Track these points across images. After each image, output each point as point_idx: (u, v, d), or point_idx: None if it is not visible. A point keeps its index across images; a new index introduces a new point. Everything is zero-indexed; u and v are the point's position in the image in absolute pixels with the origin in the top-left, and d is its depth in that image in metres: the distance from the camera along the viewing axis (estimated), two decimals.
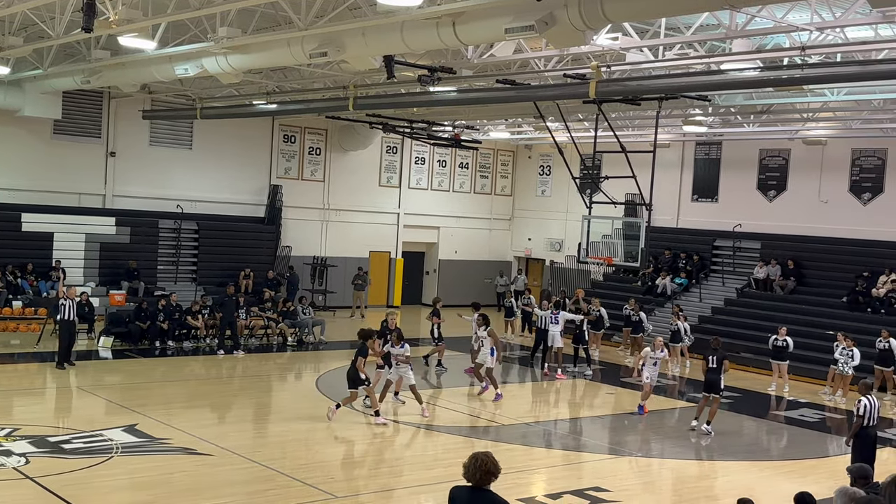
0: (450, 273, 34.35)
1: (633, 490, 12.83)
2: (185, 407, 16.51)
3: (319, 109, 23.90)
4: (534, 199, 35.53)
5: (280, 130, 30.46)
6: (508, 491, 10.47)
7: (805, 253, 26.63)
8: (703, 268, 28.49)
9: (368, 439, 15.34)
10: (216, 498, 11.13)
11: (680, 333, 23.18)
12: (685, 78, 16.22)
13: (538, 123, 25.74)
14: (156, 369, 20.41)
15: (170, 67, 18.57)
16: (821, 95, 19.86)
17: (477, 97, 19.71)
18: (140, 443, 13.44)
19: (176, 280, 27.39)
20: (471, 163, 35.07)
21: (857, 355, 19.45)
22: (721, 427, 16.52)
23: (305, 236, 30.84)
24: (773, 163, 28.20)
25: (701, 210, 29.81)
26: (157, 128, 28.10)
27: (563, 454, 14.90)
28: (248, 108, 24.40)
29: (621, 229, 22.08)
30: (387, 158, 33.04)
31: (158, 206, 27.71)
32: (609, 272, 30.42)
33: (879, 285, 23.98)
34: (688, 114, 23.73)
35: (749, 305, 26.24)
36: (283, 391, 19.95)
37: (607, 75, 16.89)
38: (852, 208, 26.22)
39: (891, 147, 25.42)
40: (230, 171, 29.34)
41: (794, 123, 24.89)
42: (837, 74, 14.65)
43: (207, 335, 23.11)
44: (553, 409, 19.03)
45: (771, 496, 12.19)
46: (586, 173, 23.72)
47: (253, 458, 12.95)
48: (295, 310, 24.79)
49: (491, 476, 6.26)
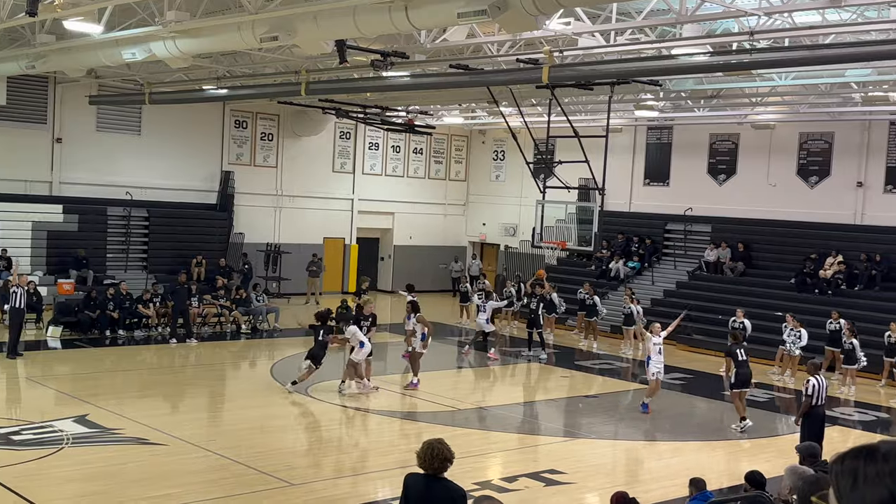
0: (405, 259, 34.30)
1: (588, 471, 12.96)
2: (138, 397, 16.30)
3: (271, 94, 23.66)
4: (488, 185, 35.59)
5: (231, 116, 30.11)
6: (465, 475, 10.52)
7: (754, 236, 27.04)
8: (655, 251, 28.80)
9: (325, 426, 15.31)
10: (170, 488, 11.02)
11: (633, 316, 23.42)
12: (636, 63, 16.34)
13: (492, 108, 25.77)
14: (106, 359, 20.13)
15: (117, 52, 18.21)
16: (769, 80, 20.13)
17: (430, 82, 19.66)
18: (91, 433, 13.25)
19: (126, 268, 26.99)
20: (425, 148, 35.01)
21: (805, 336, 19.82)
22: (673, 408, 16.75)
23: (258, 223, 30.57)
24: (723, 147, 28.56)
25: (653, 194, 30.10)
26: (104, 113, 27.60)
27: (519, 438, 14.99)
28: (198, 94, 24.06)
29: (575, 214, 22.23)
30: (340, 144, 32.84)
31: (107, 193, 27.25)
32: (563, 256, 30.62)
33: (826, 267, 24.45)
34: (639, 99, 23.91)
35: (700, 288, 26.60)
36: (238, 379, 19.80)
37: (560, 60, 16.93)
38: (800, 191, 26.66)
39: (837, 131, 25.88)
40: (180, 157, 28.95)
41: (743, 108, 25.22)
42: (785, 59, 14.85)
43: (159, 324, 22.83)
44: (509, 394, 19.13)
45: (723, 475, 12.40)
46: (540, 158, 23.82)
47: (207, 448, 12.84)
48: (248, 297, 24.59)
49: (446, 463, 6.26)
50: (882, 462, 1.53)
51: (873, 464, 1.54)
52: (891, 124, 24.77)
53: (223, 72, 22.66)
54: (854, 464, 1.56)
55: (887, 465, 1.52)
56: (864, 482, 1.53)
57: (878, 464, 1.54)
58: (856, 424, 16.74)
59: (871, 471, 1.53)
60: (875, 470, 1.53)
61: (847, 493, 1.55)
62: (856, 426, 16.59)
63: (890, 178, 24.97)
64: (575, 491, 11.74)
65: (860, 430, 16.26)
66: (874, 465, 1.53)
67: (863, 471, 1.54)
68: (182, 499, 10.77)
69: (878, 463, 1.53)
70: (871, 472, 1.53)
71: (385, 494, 11.18)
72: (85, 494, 10.71)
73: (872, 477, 1.52)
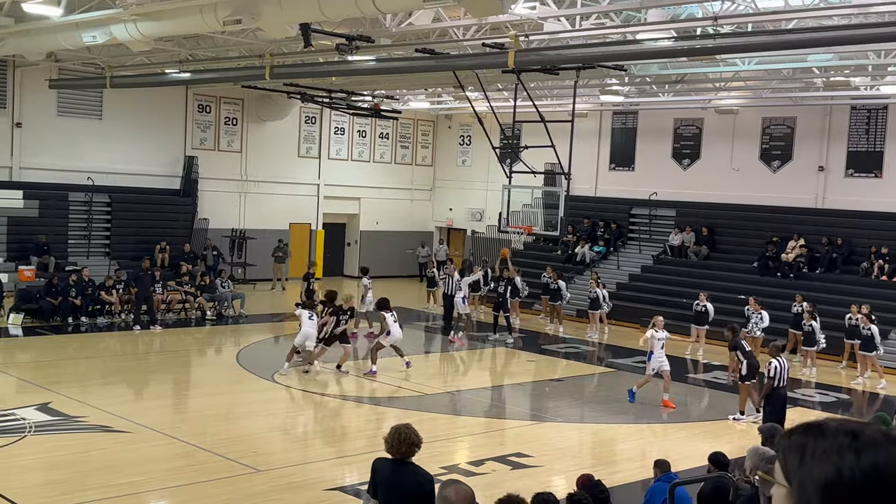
0: (371, 244, 34.21)
1: (554, 455, 13.06)
2: (101, 384, 16.15)
3: (235, 78, 23.41)
4: (454, 169, 35.56)
5: (194, 100, 29.77)
6: (432, 460, 10.54)
7: (718, 220, 27.30)
8: (620, 236, 28.98)
9: (292, 412, 15.26)
10: (134, 475, 10.94)
11: (598, 300, 23.57)
12: (602, 48, 16.37)
13: (458, 93, 25.69)
14: (69, 346, 19.89)
15: (77, 35, 17.92)
16: (732, 65, 20.27)
17: (396, 66, 19.56)
18: (54, 421, 13.10)
19: (88, 254, 26.65)
20: (391, 133, 34.88)
21: (766, 318, 20.06)
22: (638, 392, 16.88)
23: (223, 208, 30.30)
24: (688, 132, 28.76)
25: (618, 179, 30.26)
26: (65, 97, 27.17)
27: (486, 422, 15.05)
28: (161, 77, 23.75)
29: (541, 199, 22.28)
30: (305, 129, 32.62)
31: (68, 178, 26.84)
32: (529, 241, 30.68)
33: (788, 250, 24.75)
34: (605, 83, 23.98)
35: (665, 272, 26.83)
36: (203, 366, 19.67)
37: (525, 45, 16.92)
38: (763, 176, 26.94)
39: (800, 115, 26.15)
40: (143, 141, 28.58)
41: (707, 93, 25.38)
42: (748, 44, 14.96)
43: (122, 310, 22.59)
44: (475, 378, 19.19)
45: (686, 457, 12.53)
46: (506, 143, 23.81)
47: (172, 435, 12.75)
48: (213, 283, 24.40)
49: (414, 448, 6.29)
50: (830, 438, 1.55)
51: (821, 440, 1.56)
52: (852, 109, 25.08)
53: (186, 55, 22.37)
54: (801, 440, 1.58)
55: (835, 441, 1.54)
56: (812, 458, 1.54)
57: (825, 440, 1.55)
58: (816, 405, 17.01)
59: (818, 447, 1.55)
60: (822, 446, 1.55)
61: (794, 468, 1.56)
62: (816, 407, 16.85)
63: (851, 163, 25.29)
64: (541, 474, 11.82)
65: (820, 411, 16.51)
66: (821, 442, 1.55)
67: (810, 447, 1.56)
68: (146, 486, 10.70)
69: (826, 439, 1.55)
70: (818, 448, 1.55)
71: (353, 480, 11.18)
72: (48, 483, 10.60)
73: (820, 453, 1.54)
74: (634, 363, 20.12)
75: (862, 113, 25.01)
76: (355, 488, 10.65)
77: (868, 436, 1.54)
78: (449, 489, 4.85)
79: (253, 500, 10.26)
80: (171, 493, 10.60)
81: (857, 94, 23.07)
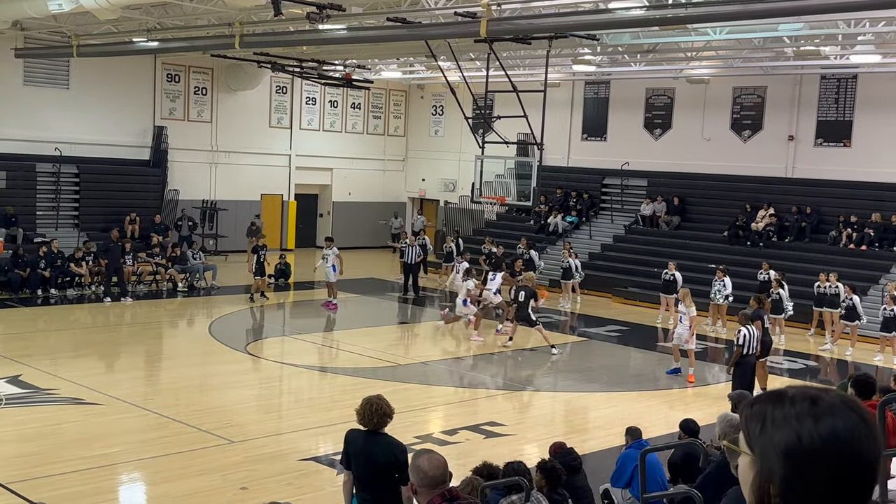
0: (344, 215, 34.08)
1: (527, 423, 13.17)
2: (72, 357, 16.04)
3: (204, 47, 23.12)
4: (427, 140, 35.44)
5: (163, 69, 29.36)
6: (406, 430, 10.61)
7: (689, 190, 27.46)
8: (592, 206, 29.08)
9: (265, 384, 15.26)
10: (107, 447, 10.91)
11: (571, 270, 23.69)
12: (574, 17, 16.33)
13: (430, 63, 25.56)
14: (39, 318, 19.73)
15: (42, 3, 17.59)
16: (704, 34, 20.30)
17: (367, 35, 19.41)
18: (25, 394, 13.02)
19: (57, 226, 26.33)
20: (363, 103, 34.65)
21: (729, 284, 20.24)
22: (609, 360, 17.06)
23: (193, 179, 30.01)
24: (659, 102, 28.82)
25: (590, 149, 30.30)
26: (31, 66, 26.69)
27: (459, 391, 15.14)
28: (128, 46, 23.40)
29: (514, 169, 22.28)
30: (276, 99, 32.33)
31: (35, 149, 26.43)
32: (502, 212, 30.74)
33: (758, 220, 24.97)
34: (577, 53, 23.95)
35: (636, 242, 26.98)
36: (175, 338, 19.59)
37: (498, 14, 16.84)
38: (733, 145, 27.09)
39: (770, 85, 26.28)
40: (111, 111, 28.18)
41: (678, 62, 25.43)
42: (720, 13, 14.95)
43: (92, 282, 22.41)
44: (448, 348, 19.26)
45: (658, 424, 12.69)
46: (479, 113, 23.75)
47: (145, 406, 12.72)
48: (185, 255, 24.24)
49: (386, 418, 6.33)
50: (789, 405, 1.59)
51: (780, 407, 1.59)
52: (822, 78, 25.23)
53: (153, 24, 22.04)
54: (763, 408, 1.62)
55: (794, 408, 1.58)
56: (772, 425, 1.58)
57: (784, 407, 1.59)
58: (784, 372, 17.25)
59: (778, 414, 1.58)
60: (782, 413, 1.58)
61: (756, 436, 1.60)
62: (784, 374, 17.10)
63: (820, 132, 25.49)
64: (514, 442, 11.92)
65: (788, 378, 16.76)
66: (781, 409, 1.59)
67: (770, 414, 1.60)
68: (119, 458, 10.68)
69: (786, 406, 1.59)
70: (778, 415, 1.58)
71: (327, 450, 11.22)
72: (20, 455, 10.55)
73: (780, 420, 1.57)
74: (607, 332, 20.30)
75: (832, 82, 25.18)
76: (329, 458, 10.70)
77: (827, 402, 1.57)
78: (422, 458, 4.88)
79: (227, 471, 10.28)
80: (145, 464, 10.59)
81: (827, 64, 23.21)
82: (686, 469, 7.91)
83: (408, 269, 24.14)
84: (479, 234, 28.75)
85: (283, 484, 9.99)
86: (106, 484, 9.97)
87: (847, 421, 1.55)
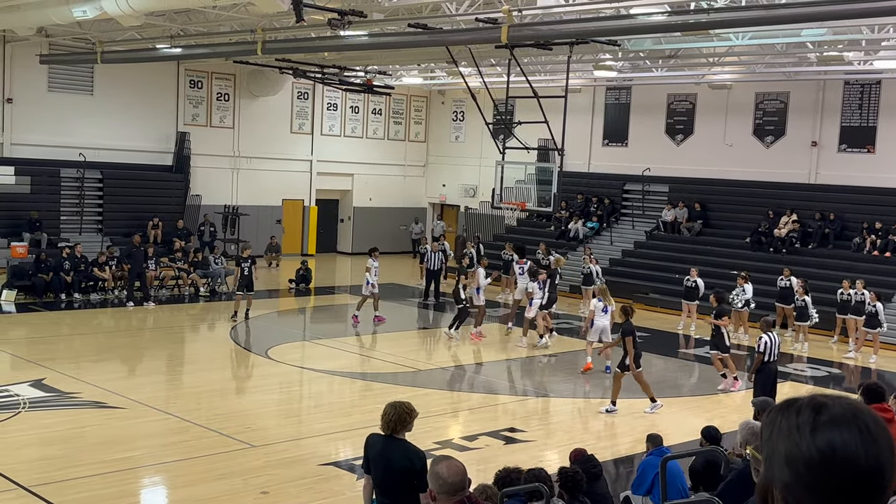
0: (364, 220, 34.17)
1: (547, 429, 13.13)
2: (95, 360, 16.16)
3: (226, 54, 23.26)
4: (448, 145, 35.46)
5: (186, 75, 29.58)
6: (426, 435, 10.61)
7: (711, 195, 27.32)
8: (613, 211, 28.99)
9: (286, 388, 15.31)
10: (129, 451, 10.99)
11: (592, 276, 23.61)
12: (595, 23, 16.28)
13: (451, 69, 25.58)
14: (62, 323, 19.89)
15: (67, 10, 17.78)
16: (726, 40, 20.20)
17: (388, 41, 19.45)
18: (49, 397, 13.13)
19: (81, 231, 26.59)
20: (384, 109, 34.73)
21: (749, 290, 20.12)
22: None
23: (216, 185, 30.20)
24: (681, 107, 28.70)
25: (611, 154, 30.22)
26: (56, 73, 26.99)
27: (480, 397, 15.12)
28: (152, 53, 23.59)
29: (534, 174, 22.24)
30: (298, 104, 32.47)
31: (60, 154, 26.71)
32: (523, 217, 30.69)
33: (781, 226, 24.80)
34: (598, 59, 23.88)
35: (658, 248, 26.86)
36: (197, 342, 19.69)
37: (519, 20, 16.83)
38: (756, 151, 26.93)
39: (793, 90, 26.11)
40: (135, 117, 28.43)
41: (700, 68, 25.30)
42: (742, 19, 14.90)
43: (115, 287, 22.57)
44: (468, 354, 19.24)
45: (679, 431, 12.62)
46: (499, 119, 23.74)
47: (167, 410, 12.79)
48: (206, 259, 24.37)
49: (404, 425, 6.34)
50: (794, 415, 1.60)
51: (787, 416, 1.61)
52: (845, 84, 25.05)
53: (177, 30, 22.21)
54: (774, 416, 1.64)
55: (798, 418, 1.59)
56: (778, 433, 1.60)
57: (790, 416, 1.60)
58: (808, 380, 17.11)
59: (784, 423, 1.60)
60: (787, 423, 1.60)
61: (765, 443, 1.63)
62: (808, 381, 16.96)
63: (844, 138, 25.30)
64: (534, 448, 11.89)
65: (812, 386, 16.62)
66: (787, 418, 1.60)
67: (778, 423, 1.61)
68: (141, 462, 10.75)
69: (791, 416, 1.60)
70: (784, 424, 1.60)
71: (347, 455, 11.24)
72: (43, 458, 10.63)
73: (785, 430, 1.59)
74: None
75: (855, 88, 24.99)
76: (349, 463, 10.71)
77: (830, 412, 1.58)
78: (441, 465, 4.88)
79: (248, 475, 10.32)
80: (166, 468, 10.66)
81: (851, 69, 23.03)
82: (707, 476, 7.86)
83: (430, 275, 24.14)
84: (500, 240, 28.72)
85: (303, 488, 10.02)
86: (128, 487, 10.04)
87: (846, 433, 1.55)
